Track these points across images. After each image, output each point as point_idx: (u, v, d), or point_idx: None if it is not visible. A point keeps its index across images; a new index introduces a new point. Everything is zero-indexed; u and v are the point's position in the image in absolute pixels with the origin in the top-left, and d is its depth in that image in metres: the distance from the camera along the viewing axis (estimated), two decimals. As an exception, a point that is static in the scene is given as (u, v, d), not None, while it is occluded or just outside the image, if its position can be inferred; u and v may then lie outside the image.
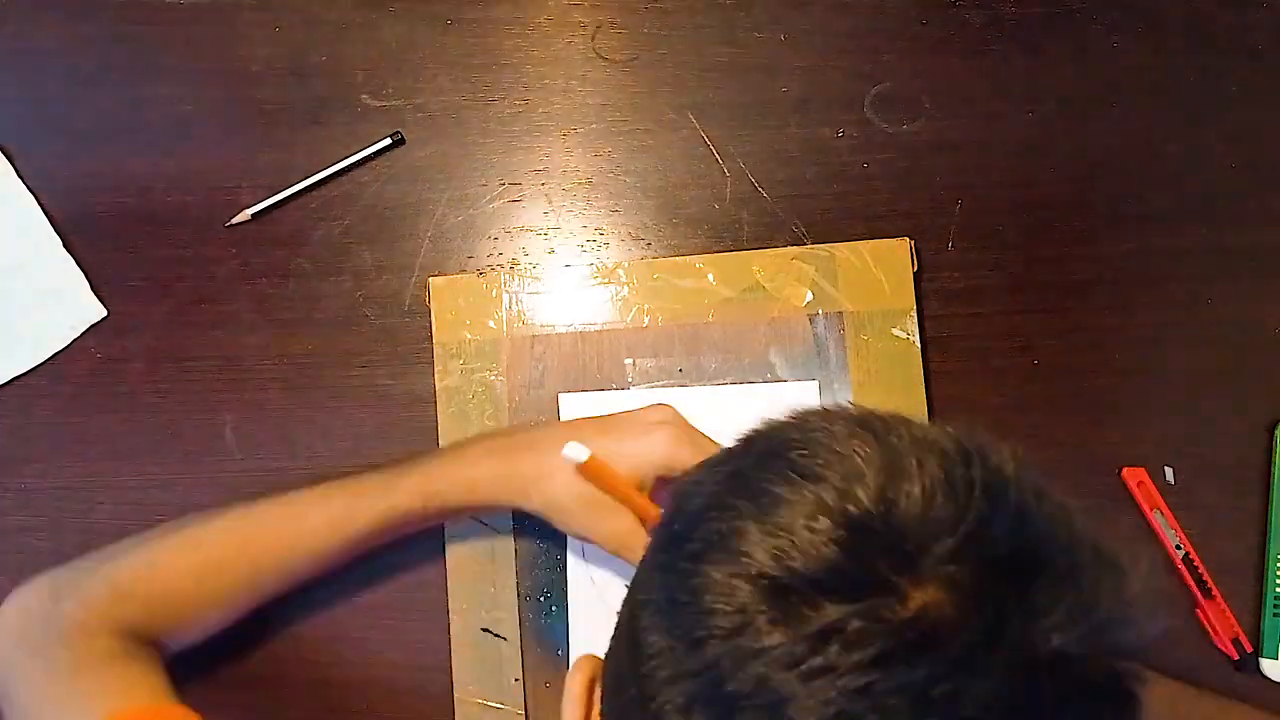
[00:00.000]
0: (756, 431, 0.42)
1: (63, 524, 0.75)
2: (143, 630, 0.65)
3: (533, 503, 0.65)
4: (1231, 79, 0.79)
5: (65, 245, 0.77)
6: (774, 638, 0.34)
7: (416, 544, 0.73)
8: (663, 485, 0.64)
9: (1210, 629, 0.72)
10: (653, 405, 0.67)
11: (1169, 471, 0.74)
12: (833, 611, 0.34)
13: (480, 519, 0.72)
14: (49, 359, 0.76)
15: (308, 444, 0.75)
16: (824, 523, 0.35)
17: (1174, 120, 0.79)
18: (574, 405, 0.74)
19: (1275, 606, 0.72)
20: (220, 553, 0.65)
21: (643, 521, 0.63)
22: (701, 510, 0.39)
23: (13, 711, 0.64)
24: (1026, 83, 0.79)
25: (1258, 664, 0.72)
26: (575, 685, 0.50)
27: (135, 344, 0.77)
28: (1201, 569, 0.73)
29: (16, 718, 0.64)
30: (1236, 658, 0.72)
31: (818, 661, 0.34)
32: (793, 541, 0.35)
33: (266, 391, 0.76)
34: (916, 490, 0.36)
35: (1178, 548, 0.73)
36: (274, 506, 0.67)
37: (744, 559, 0.36)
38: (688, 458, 0.62)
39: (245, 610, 0.67)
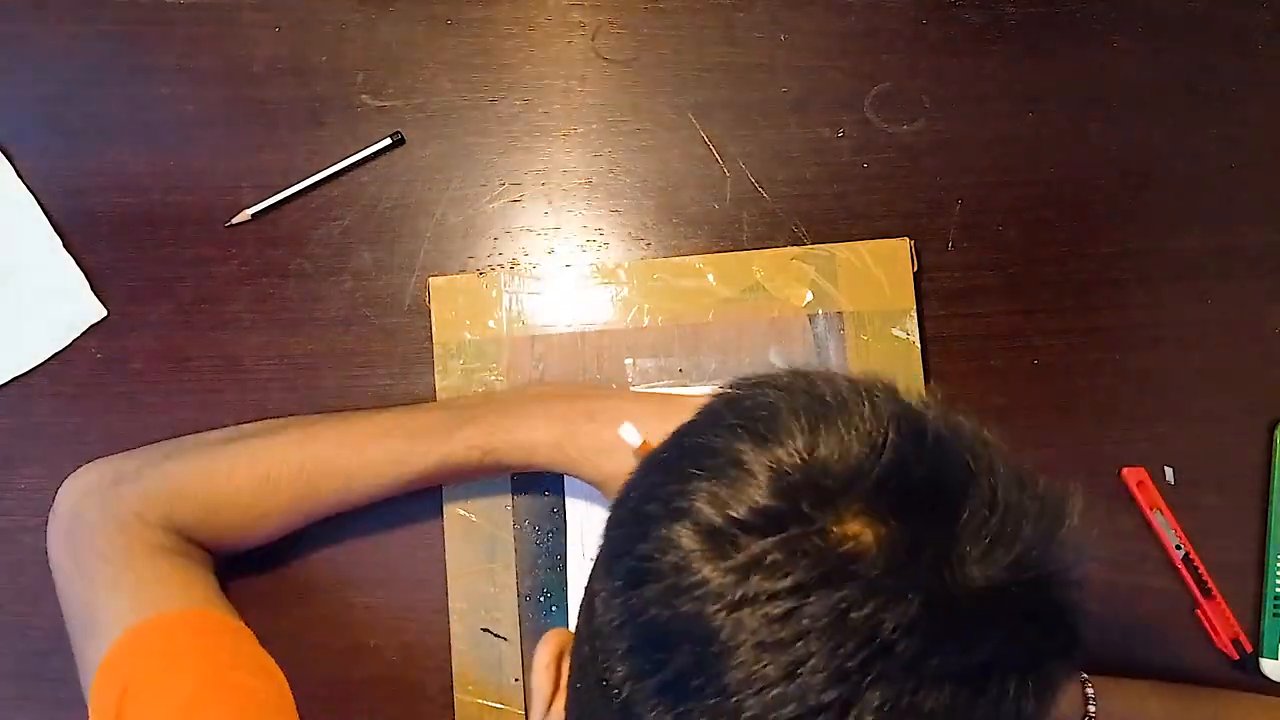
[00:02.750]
0: (710, 403, 0.44)
1: (63, 524, 0.75)
2: (195, 532, 0.66)
3: (586, 474, 0.66)
4: (1231, 79, 0.79)
5: (65, 245, 0.77)
6: (704, 572, 0.36)
7: (417, 544, 0.73)
8: None
9: (1210, 629, 0.72)
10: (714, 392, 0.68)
11: (1169, 471, 0.74)
12: (756, 546, 0.36)
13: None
14: (49, 359, 0.76)
15: (308, 444, 0.75)
16: (761, 473, 0.37)
17: (1173, 120, 0.79)
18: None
19: (1275, 606, 0.72)
20: (280, 470, 0.66)
21: None
22: (659, 476, 0.41)
23: (66, 587, 0.66)
24: (1026, 83, 0.79)
25: (1258, 664, 0.72)
26: (544, 655, 0.51)
27: (135, 344, 0.77)
28: (1201, 569, 0.73)
29: (68, 595, 0.66)
30: (1236, 658, 0.72)
31: (742, 591, 0.35)
32: (732, 492, 0.37)
33: (266, 391, 0.76)
34: (837, 435, 0.38)
35: (1178, 548, 0.73)
36: (335, 432, 0.68)
37: (690, 511, 0.38)
38: None
39: (297, 527, 0.69)
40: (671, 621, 0.37)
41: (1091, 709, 0.63)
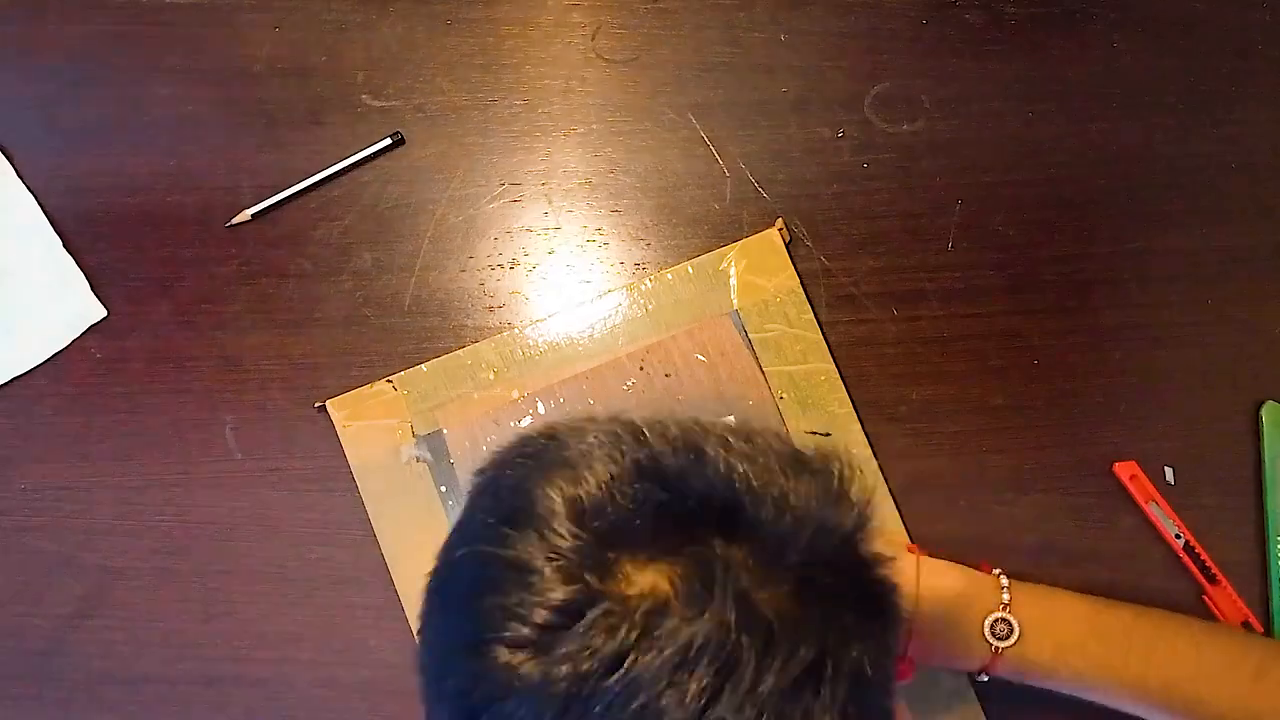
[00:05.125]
0: (468, 509, 0.45)
1: (63, 524, 0.75)
2: None
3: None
4: (1231, 79, 0.79)
5: (65, 245, 0.77)
6: (534, 677, 0.37)
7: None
8: None
9: (1218, 615, 0.72)
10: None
11: (1169, 472, 0.74)
12: (571, 639, 0.37)
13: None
14: (49, 359, 0.76)
15: (308, 444, 0.75)
16: (544, 568, 0.38)
17: (1173, 120, 0.79)
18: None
19: None
20: None
21: None
22: (457, 604, 0.43)
23: None
24: (1026, 83, 0.79)
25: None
26: None
27: (135, 344, 0.77)
28: (1204, 556, 0.72)
29: None
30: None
31: (579, 684, 0.36)
32: (528, 598, 0.38)
33: (266, 391, 0.76)
34: (595, 492, 0.39)
35: (1178, 537, 0.73)
36: None
37: (502, 629, 0.38)
38: None
39: None
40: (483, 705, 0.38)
41: (1005, 596, 0.61)
